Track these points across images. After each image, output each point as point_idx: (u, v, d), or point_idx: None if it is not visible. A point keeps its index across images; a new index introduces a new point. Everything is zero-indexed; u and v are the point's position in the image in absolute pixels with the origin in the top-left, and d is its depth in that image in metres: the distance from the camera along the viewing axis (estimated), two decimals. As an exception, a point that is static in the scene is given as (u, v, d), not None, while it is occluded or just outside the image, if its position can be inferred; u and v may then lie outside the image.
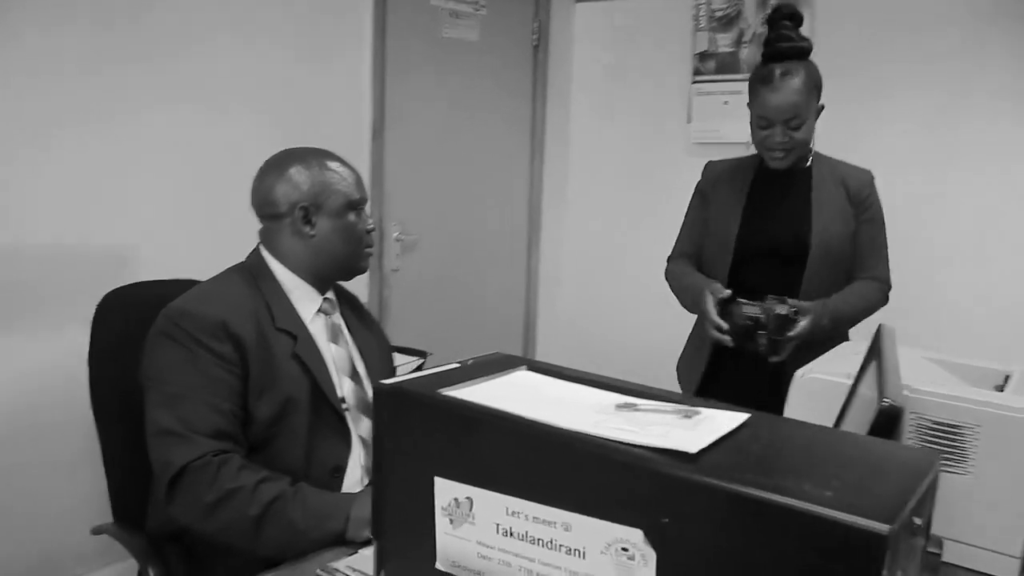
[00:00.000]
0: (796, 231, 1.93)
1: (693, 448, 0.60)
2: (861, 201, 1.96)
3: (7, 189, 1.99)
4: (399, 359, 2.57)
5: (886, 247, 2.02)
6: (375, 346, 1.69)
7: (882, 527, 0.49)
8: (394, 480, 0.76)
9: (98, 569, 1.98)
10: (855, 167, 2.02)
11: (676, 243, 2.15)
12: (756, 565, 0.54)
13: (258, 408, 1.41)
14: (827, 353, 1.49)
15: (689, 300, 2.01)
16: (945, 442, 1.27)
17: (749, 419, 0.68)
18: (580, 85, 3.68)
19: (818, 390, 1.34)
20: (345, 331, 1.61)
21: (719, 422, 0.67)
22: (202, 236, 2.34)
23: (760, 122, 1.90)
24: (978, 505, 1.25)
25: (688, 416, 0.68)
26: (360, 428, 1.54)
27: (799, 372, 1.41)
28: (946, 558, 1.29)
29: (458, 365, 0.82)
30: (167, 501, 1.32)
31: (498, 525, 0.68)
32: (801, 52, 1.90)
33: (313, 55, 2.64)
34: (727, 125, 3.25)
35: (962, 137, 2.86)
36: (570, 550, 0.63)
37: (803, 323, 1.80)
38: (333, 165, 1.54)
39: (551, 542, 0.65)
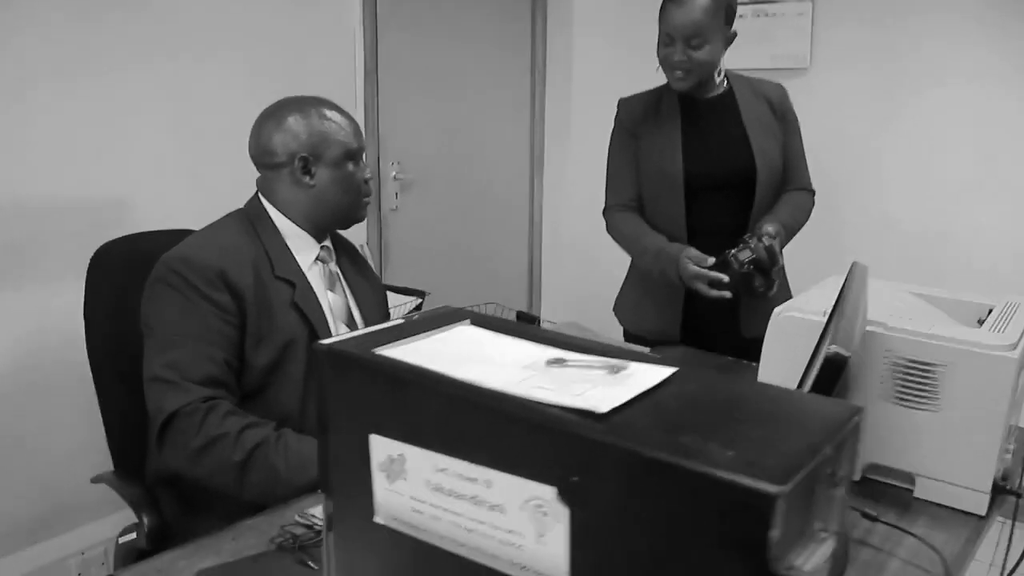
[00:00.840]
0: (739, 156, 1.95)
1: (604, 407, 0.60)
2: (784, 114, 2.01)
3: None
4: (398, 299, 2.59)
5: (805, 155, 2.08)
6: (371, 293, 1.73)
7: (771, 488, 0.50)
8: (336, 439, 0.77)
9: (103, 517, 2.05)
10: (769, 82, 2.06)
11: (609, 191, 2.08)
12: (660, 524, 0.56)
13: (255, 356, 1.44)
14: (810, 289, 1.49)
15: (655, 265, 1.96)
16: (916, 379, 1.27)
17: (675, 374, 0.68)
18: (582, 11, 3.59)
19: (794, 329, 1.34)
20: (342, 279, 1.65)
21: (643, 378, 0.67)
22: (196, 185, 2.35)
23: (664, 39, 1.89)
24: (949, 442, 1.26)
25: (615, 371, 0.69)
26: None
27: (777, 310, 1.41)
28: (918, 494, 1.31)
29: (402, 321, 0.83)
30: (158, 447, 1.37)
31: (428, 481, 0.70)
32: None
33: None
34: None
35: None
36: (492, 506, 0.65)
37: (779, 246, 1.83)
38: (331, 114, 1.55)
39: (475, 498, 0.66)
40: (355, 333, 0.80)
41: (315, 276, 1.58)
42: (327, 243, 1.64)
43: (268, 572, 1.09)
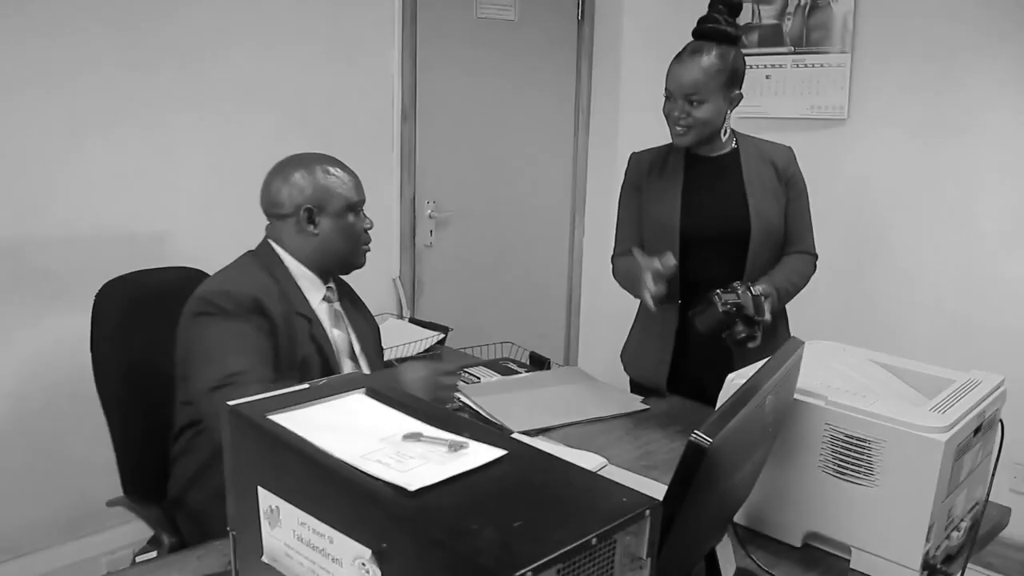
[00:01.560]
0: (735, 214, 1.97)
1: (414, 485, 0.70)
2: (789, 177, 2.02)
3: (48, 183, 2.21)
4: (421, 332, 2.72)
5: (811, 219, 2.07)
6: (369, 331, 1.88)
7: (508, 571, 0.58)
8: (238, 486, 0.89)
9: (131, 521, 2.22)
10: (777, 144, 2.07)
11: (616, 242, 2.16)
12: (442, 591, 0.65)
13: (280, 381, 1.58)
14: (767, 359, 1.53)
15: (631, 284, 1.99)
16: (852, 454, 1.31)
17: (505, 455, 0.77)
18: (629, 58, 3.66)
19: (742, 395, 1.38)
20: (344, 317, 1.78)
21: (473, 458, 0.76)
22: (234, 226, 2.52)
23: (666, 94, 1.97)
24: (881, 517, 1.29)
25: (453, 449, 0.78)
26: None
27: (730, 376, 1.46)
28: (854, 565, 1.34)
29: (307, 386, 0.95)
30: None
31: (294, 531, 0.81)
32: (722, 35, 1.94)
33: (342, 42, 2.76)
34: (768, 100, 3.19)
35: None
36: (334, 559, 0.75)
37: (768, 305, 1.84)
38: (333, 170, 1.71)
39: (323, 550, 0.77)
40: (265, 396, 0.92)
41: (322, 313, 1.73)
42: (331, 284, 1.78)
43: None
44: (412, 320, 2.82)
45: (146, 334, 1.79)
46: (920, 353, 2.84)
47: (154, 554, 1.54)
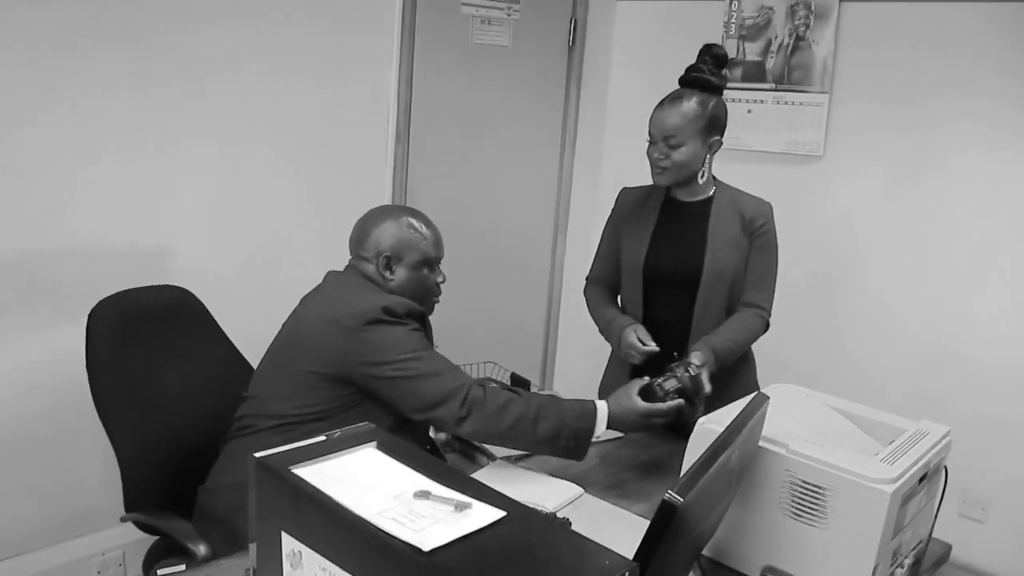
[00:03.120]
0: (691, 258, 2.10)
1: (428, 546, 0.81)
2: (755, 229, 2.12)
3: (56, 199, 2.29)
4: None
5: (774, 277, 2.17)
6: None
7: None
8: (264, 529, 1.00)
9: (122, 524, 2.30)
10: (755, 198, 2.17)
11: (592, 267, 2.35)
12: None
13: None
14: (733, 403, 1.65)
15: (605, 333, 2.24)
16: (808, 498, 1.44)
17: (506, 516, 0.89)
18: (616, 85, 3.79)
19: (712, 440, 1.51)
20: None
21: (477, 519, 0.88)
22: (231, 245, 2.60)
23: (648, 137, 2.10)
24: (831, 558, 1.42)
25: (459, 509, 0.90)
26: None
27: (700, 420, 1.58)
28: (806, 601, 1.47)
29: (324, 438, 1.05)
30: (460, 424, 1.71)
31: (315, 574, 0.91)
32: (704, 84, 2.07)
33: (342, 65, 2.84)
34: (749, 134, 3.33)
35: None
36: (352, 604, 0.86)
37: (706, 375, 1.92)
38: (418, 224, 1.86)
39: (343, 595, 0.88)
40: (286, 448, 1.02)
41: None
42: None
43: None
44: (399, 336, 2.91)
45: (140, 352, 1.87)
46: (888, 388, 3.01)
47: (183, 567, 1.60)
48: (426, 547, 0.81)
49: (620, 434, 2.15)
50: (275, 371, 1.78)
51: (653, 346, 2.07)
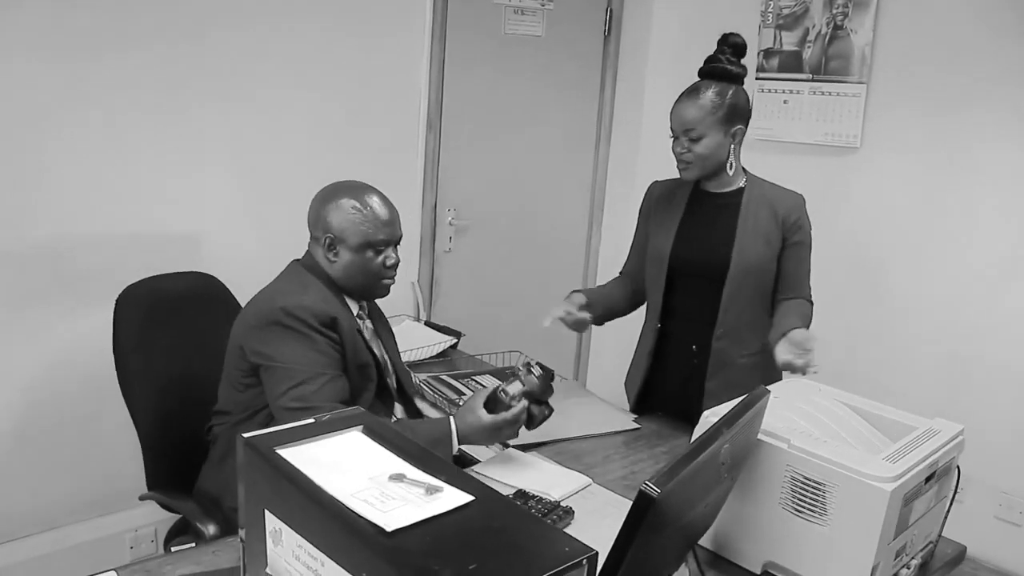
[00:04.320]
0: (719, 252, 2.08)
1: (392, 526, 0.84)
2: (790, 225, 2.09)
3: (86, 188, 2.38)
4: (434, 336, 2.86)
5: (809, 267, 2.15)
6: (394, 348, 2.03)
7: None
8: (250, 505, 1.04)
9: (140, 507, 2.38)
10: (787, 191, 2.13)
11: (626, 260, 2.36)
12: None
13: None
14: (740, 398, 1.64)
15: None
16: (808, 494, 1.43)
17: (473, 500, 0.91)
18: (653, 75, 3.76)
19: (715, 432, 1.51)
20: (377, 334, 1.96)
21: (446, 501, 0.90)
22: (258, 233, 2.67)
23: (671, 133, 2.08)
24: (831, 555, 1.41)
25: (430, 492, 0.92)
26: (396, 411, 1.92)
27: (705, 413, 1.58)
28: (806, 597, 1.46)
29: (313, 421, 1.09)
30: None
31: (293, 552, 0.95)
32: (723, 73, 2.05)
33: (373, 55, 2.88)
34: (782, 124, 3.28)
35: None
36: (324, 581, 0.89)
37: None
38: (363, 206, 1.76)
39: (316, 571, 0.91)
40: (275, 429, 1.06)
41: (362, 326, 1.88)
42: (362, 303, 1.92)
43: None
44: (428, 323, 2.96)
45: (165, 337, 1.95)
46: (920, 385, 2.95)
47: (192, 545, 1.67)
48: (390, 527, 0.84)
49: (636, 425, 2.16)
50: (224, 373, 1.83)
51: (581, 315, 2.10)
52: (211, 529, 1.67)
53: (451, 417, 1.76)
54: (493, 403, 1.76)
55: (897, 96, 3.04)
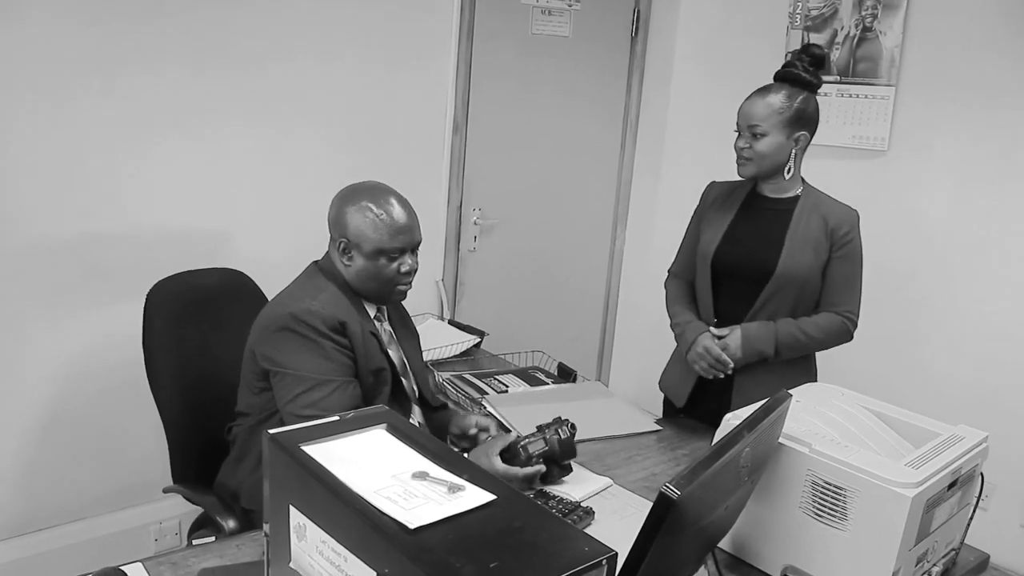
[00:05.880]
0: (766, 256, 2.07)
1: (414, 523, 0.85)
2: (839, 238, 2.08)
3: (112, 186, 2.41)
4: (458, 335, 2.88)
5: (859, 286, 2.13)
6: (414, 350, 2.01)
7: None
8: (275, 500, 1.06)
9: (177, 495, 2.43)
10: (842, 204, 2.12)
11: (675, 259, 2.34)
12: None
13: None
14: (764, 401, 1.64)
15: (676, 330, 2.24)
16: (829, 499, 1.43)
17: (495, 499, 0.92)
18: (680, 77, 3.75)
19: (736, 435, 1.51)
20: (395, 337, 1.94)
21: (468, 500, 0.91)
22: (283, 231, 2.70)
23: (736, 129, 2.09)
24: (851, 560, 1.41)
25: (452, 491, 0.94)
26: (415, 414, 1.90)
27: (727, 416, 1.58)
28: (825, 600, 1.46)
29: (338, 418, 1.11)
30: None
31: (317, 547, 0.97)
32: (796, 79, 2.05)
33: (400, 55, 2.90)
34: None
35: None
36: (347, 575, 0.91)
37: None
38: (381, 211, 1.72)
39: (339, 567, 0.93)
40: (301, 426, 1.08)
41: (379, 329, 1.87)
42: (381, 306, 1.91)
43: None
44: (451, 322, 2.98)
45: (194, 332, 1.98)
46: (949, 392, 2.92)
47: (212, 539, 1.70)
48: (412, 525, 0.86)
49: (658, 427, 2.16)
50: (242, 375, 1.84)
51: (728, 362, 2.08)
52: (231, 524, 1.70)
53: (465, 454, 1.75)
54: (511, 453, 1.73)
55: (926, 99, 3.01)
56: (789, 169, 2.08)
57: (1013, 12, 2.77)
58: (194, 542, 1.72)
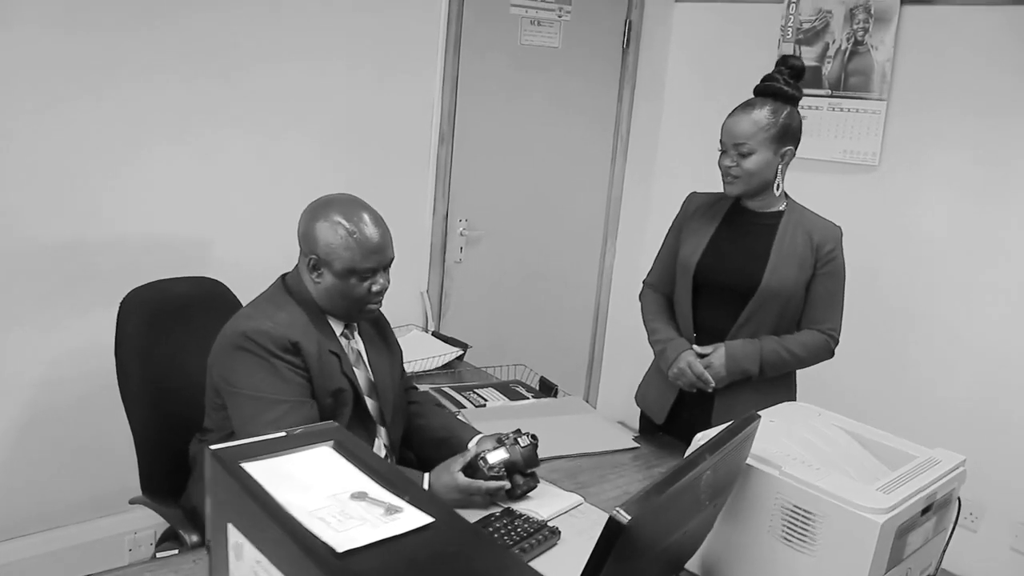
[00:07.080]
0: (750, 270, 2.04)
1: (342, 547, 0.82)
2: (824, 254, 2.05)
3: (99, 191, 2.40)
4: (441, 348, 2.85)
5: (841, 303, 2.10)
6: (388, 366, 1.91)
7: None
8: (215, 517, 1.03)
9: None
10: (826, 221, 2.10)
11: (651, 269, 2.30)
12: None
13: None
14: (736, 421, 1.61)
15: (656, 347, 2.20)
16: (798, 523, 1.40)
17: (432, 523, 0.89)
18: (672, 89, 3.73)
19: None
20: (364, 355, 1.86)
21: (405, 522, 0.88)
22: (267, 239, 2.67)
23: (720, 146, 2.05)
24: (819, 585, 1.37)
25: (389, 512, 0.90)
26: (381, 435, 1.84)
27: (698, 436, 1.55)
28: (793, 626, 1.42)
29: (284, 434, 1.07)
30: None
31: (252, 568, 0.94)
32: (777, 92, 2.02)
33: (386, 64, 2.89)
34: (802, 141, 3.22)
35: None
36: (280, 599, 0.88)
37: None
38: (354, 228, 1.67)
39: (272, 590, 0.89)
40: (244, 442, 1.05)
41: (347, 348, 1.82)
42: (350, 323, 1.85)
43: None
44: (435, 334, 2.95)
45: (166, 341, 1.95)
46: (929, 409, 2.88)
47: (176, 552, 1.67)
48: (340, 548, 0.82)
49: (635, 444, 2.13)
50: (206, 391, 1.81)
51: (711, 380, 2.05)
52: (195, 538, 1.67)
53: (426, 474, 1.72)
54: (472, 469, 1.70)
55: (917, 113, 2.99)
56: (777, 186, 2.06)
57: (1004, 27, 2.75)
58: (158, 555, 1.69)
